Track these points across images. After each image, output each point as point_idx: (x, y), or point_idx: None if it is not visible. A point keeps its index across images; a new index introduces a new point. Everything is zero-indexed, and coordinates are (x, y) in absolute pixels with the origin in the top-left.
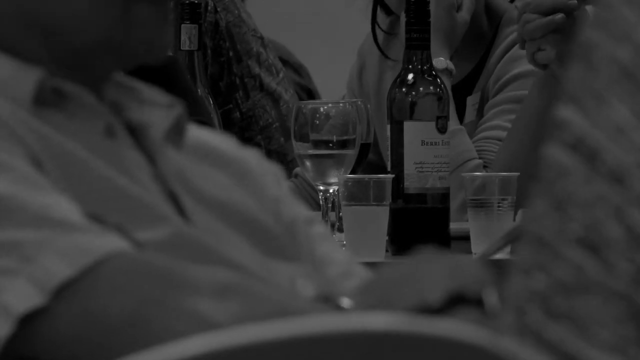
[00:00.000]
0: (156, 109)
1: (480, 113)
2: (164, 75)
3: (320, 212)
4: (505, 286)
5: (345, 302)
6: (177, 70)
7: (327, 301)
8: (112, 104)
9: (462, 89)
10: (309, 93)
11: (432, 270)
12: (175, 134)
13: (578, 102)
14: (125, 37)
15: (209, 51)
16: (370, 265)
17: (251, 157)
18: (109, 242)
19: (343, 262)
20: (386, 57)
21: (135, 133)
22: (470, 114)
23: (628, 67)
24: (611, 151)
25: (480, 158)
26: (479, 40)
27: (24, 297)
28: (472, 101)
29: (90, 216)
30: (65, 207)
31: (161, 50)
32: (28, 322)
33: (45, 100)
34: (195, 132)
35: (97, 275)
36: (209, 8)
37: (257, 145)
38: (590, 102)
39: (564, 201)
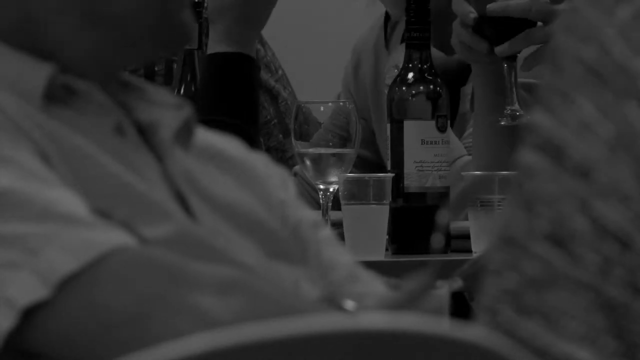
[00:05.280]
0: (165, 109)
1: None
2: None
3: (320, 211)
4: (480, 290)
5: (349, 304)
6: None
7: (331, 303)
8: (121, 104)
9: (457, 80)
10: None
11: None
12: (184, 134)
13: (546, 104)
14: (166, 22)
15: (204, 48)
16: (370, 264)
17: (258, 160)
18: (114, 237)
19: (348, 266)
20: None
21: (145, 133)
22: (464, 104)
23: (593, 66)
24: (576, 147)
25: (469, 154)
26: None
27: (28, 290)
28: (466, 92)
29: (97, 211)
30: (71, 202)
31: (192, 35)
32: (31, 315)
33: (56, 96)
34: (203, 135)
35: (100, 270)
36: (205, 5)
37: None
38: (556, 102)
39: (531, 200)
